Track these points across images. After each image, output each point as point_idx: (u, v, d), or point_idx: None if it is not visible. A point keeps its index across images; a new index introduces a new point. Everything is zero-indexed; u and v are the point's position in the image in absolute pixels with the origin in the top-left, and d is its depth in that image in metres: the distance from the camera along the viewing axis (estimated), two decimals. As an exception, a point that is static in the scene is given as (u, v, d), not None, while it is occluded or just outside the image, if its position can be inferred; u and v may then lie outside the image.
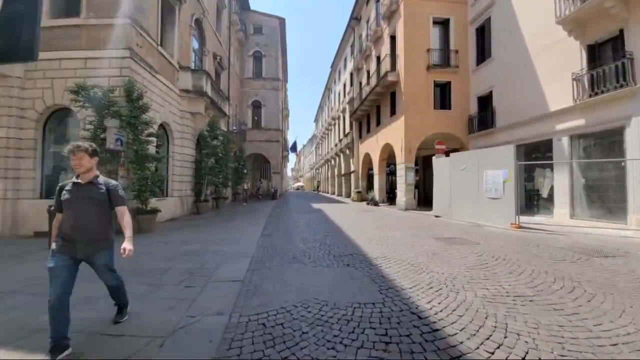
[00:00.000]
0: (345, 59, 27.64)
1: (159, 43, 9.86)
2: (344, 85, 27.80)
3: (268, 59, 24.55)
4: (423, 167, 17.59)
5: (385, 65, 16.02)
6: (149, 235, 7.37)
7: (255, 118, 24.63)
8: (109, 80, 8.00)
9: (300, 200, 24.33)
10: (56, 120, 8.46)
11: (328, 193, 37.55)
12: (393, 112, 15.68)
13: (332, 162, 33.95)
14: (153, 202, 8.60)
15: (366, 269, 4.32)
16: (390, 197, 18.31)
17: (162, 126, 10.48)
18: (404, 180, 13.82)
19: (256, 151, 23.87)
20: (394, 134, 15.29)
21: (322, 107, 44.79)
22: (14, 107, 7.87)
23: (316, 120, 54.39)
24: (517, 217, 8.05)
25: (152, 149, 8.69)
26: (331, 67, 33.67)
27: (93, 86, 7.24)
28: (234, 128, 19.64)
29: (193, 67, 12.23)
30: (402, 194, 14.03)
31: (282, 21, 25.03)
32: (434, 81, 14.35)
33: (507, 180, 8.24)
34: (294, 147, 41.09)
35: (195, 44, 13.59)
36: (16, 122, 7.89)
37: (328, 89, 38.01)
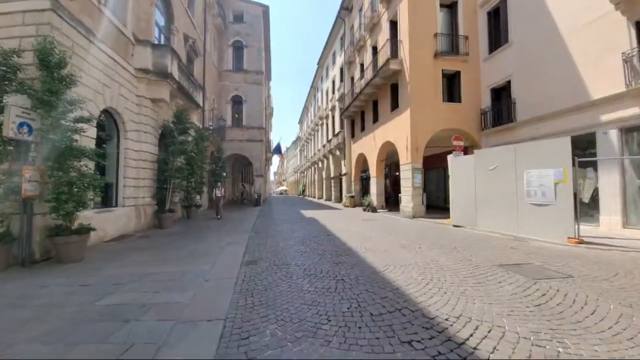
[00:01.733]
0: (334, 54, 25.79)
1: (103, 1, 7.38)
2: (333, 82, 25.91)
3: (250, 50, 22.18)
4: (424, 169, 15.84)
5: (384, 54, 14.21)
6: (68, 268, 4.87)
7: (236, 115, 22.10)
8: (21, 42, 5.49)
9: (287, 206, 21.94)
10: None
11: (315, 197, 35.33)
12: (395, 106, 13.85)
13: (320, 165, 31.86)
14: (87, 216, 6.08)
15: None
16: (388, 202, 16.44)
17: (109, 113, 7.93)
18: (411, 183, 11.93)
19: (237, 151, 21.32)
20: (396, 131, 13.44)
21: (308, 107, 42.72)
22: None
23: (301, 122, 52.22)
24: (576, 228, 6.28)
25: (85, 142, 6.18)
26: (318, 64, 31.74)
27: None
28: (210, 124, 17.09)
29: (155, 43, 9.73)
30: (409, 198, 12.13)
31: (265, 9, 22.79)
32: (442, 70, 12.67)
33: (560, 182, 6.48)
34: (278, 149, 38.66)
35: (160, 19, 11.09)
36: None
37: (314, 87, 36.03)
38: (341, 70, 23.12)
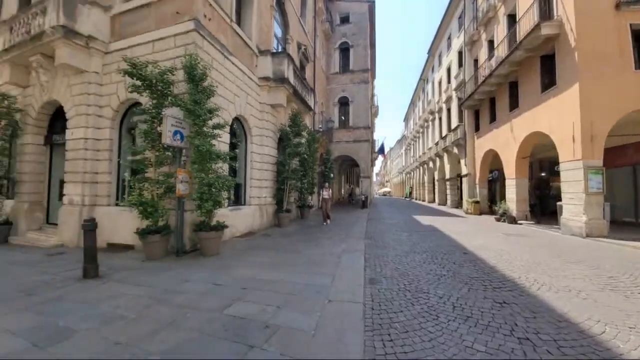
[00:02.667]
0: (450, 37, 22.46)
1: (234, 20, 8.15)
2: (448, 70, 22.60)
3: (356, 50, 21.84)
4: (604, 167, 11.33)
5: (530, 18, 10.91)
6: (207, 262, 5.26)
7: (342, 117, 22.19)
8: (174, 63, 6.45)
9: (395, 209, 20.36)
10: (131, 116, 7.49)
11: (424, 201, 32.02)
12: (548, 84, 10.41)
13: (430, 165, 28.56)
14: (223, 213, 6.66)
15: None
16: (533, 211, 12.65)
17: (238, 120, 8.75)
18: (583, 187, 8.52)
19: (343, 153, 21.32)
20: (551, 117, 10.04)
21: (415, 102, 39.44)
22: (92, 105, 7.14)
23: (406, 119, 48.91)
24: None
25: (221, 147, 6.81)
26: (428, 52, 28.59)
27: (147, 63, 5.67)
28: (320, 127, 17.53)
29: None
30: (578, 210, 8.72)
31: (371, 4, 22.00)
32: (631, 26, 8.63)
33: None
34: (381, 149, 37.25)
35: (277, 30, 11.86)
36: (94, 122, 7.15)
37: (423, 79, 32.76)
38: (459, 54, 19.80)
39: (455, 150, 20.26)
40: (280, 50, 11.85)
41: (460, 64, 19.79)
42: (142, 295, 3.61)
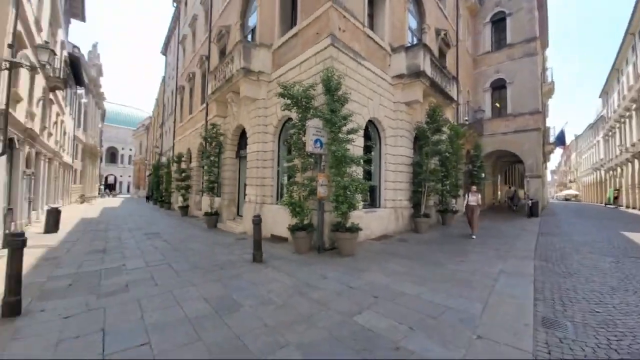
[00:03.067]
0: None
1: (366, 24, 8.25)
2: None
3: (515, 17, 17.39)
4: None
5: None
6: (342, 261, 5.52)
7: (497, 104, 18.20)
8: (315, 79, 7.22)
9: (589, 221, 14.49)
10: (286, 130, 9.02)
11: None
12: None
13: (659, 156, 18.71)
14: (358, 215, 6.86)
15: None
16: None
17: (372, 122, 8.78)
18: None
19: (499, 147, 17.43)
20: None
21: (619, 69, 27.18)
22: (261, 124, 9.11)
23: (605, 93, 34.51)
24: None
25: (355, 151, 7.03)
26: (651, -13, 18.91)
27: (294, 83, 6.60)
28: (466, 119, 15.12)
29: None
30: None
31: (540, -48, 16.90)
32: None
33: None
34: (561, 139, 27.84)
35: (411, 22, 11.13)
36: (262, 137, 9.09)
37: (631, 34, 22.06)
38: None
39: None
40: (414, 42, 11.07)
41: None
42: (289, 285, 4.17)
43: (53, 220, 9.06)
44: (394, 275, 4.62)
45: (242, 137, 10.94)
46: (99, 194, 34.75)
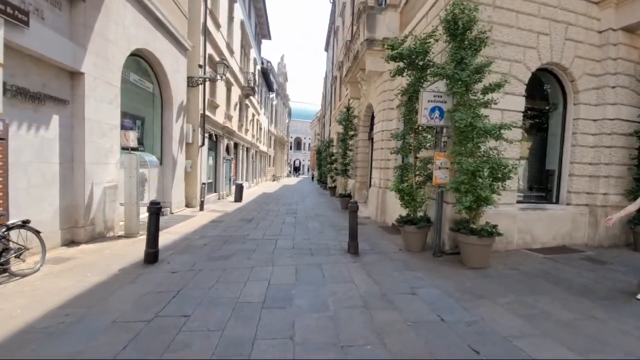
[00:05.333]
0: None
1: None
2: None
3: None
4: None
5: None
6: (458, 276, 3.95)
7: None
8: (435, 27, 5.42)
9: None
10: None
11: None
12: None
13: None
14: (509, 212, 4.78)
15: None
16: None
17: (549, 73, 5.67)
18: None
19: None
20: None
21: None
22: (386, 100, 8.11)
23: None
24: None
25: (505, 118, 4.78)
26: None
27: (405, 37, 5.20)
28: None
29: None
30: None
31: None
32: None
33: None
34: None
35: None
36: (387, 115, 8.11)
37: None
38: None
39: None
40: None
41: None
42: (358, 294, 3.34)
43: (238, 193, 12.35)
44: (534, 321, 2.73)
45: (373, 117, 10.33)
46: (286, 174, 45.12)
